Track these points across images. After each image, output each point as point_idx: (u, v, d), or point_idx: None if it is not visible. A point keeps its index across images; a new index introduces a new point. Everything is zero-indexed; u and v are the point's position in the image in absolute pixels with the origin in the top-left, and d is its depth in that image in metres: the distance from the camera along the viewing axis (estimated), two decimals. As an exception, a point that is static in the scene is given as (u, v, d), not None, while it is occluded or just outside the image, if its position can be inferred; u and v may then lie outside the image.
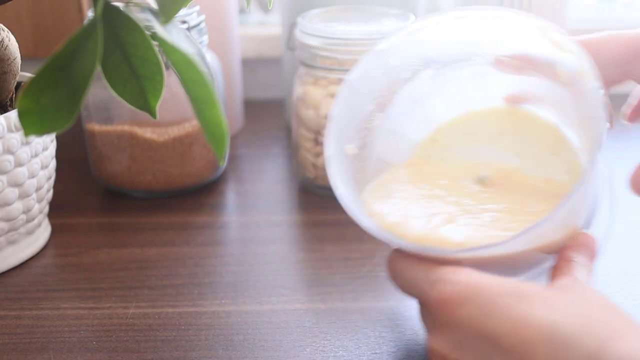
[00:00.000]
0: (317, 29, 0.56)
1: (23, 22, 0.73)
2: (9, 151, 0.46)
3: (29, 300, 0.46)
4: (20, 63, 0.48)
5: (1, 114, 0.47)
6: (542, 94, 0.42)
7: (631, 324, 0.30)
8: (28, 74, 0.52)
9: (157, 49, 0.33)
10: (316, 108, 0.57)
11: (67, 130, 0.31)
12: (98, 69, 0.30)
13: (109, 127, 0.58)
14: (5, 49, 0.46)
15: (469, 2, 0.70)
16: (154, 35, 0.32)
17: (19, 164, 0.47)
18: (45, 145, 0.50)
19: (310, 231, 0.55)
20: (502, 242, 0.33)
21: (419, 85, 0.44)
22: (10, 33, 0.47)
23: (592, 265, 0.35)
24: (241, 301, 0.46)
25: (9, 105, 0.49)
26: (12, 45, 0.47)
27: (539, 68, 0.40)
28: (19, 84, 0.50)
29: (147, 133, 0.57)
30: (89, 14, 0.57)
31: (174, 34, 0.33)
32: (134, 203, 0.59)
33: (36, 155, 0.49)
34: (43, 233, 0.53)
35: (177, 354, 0.41)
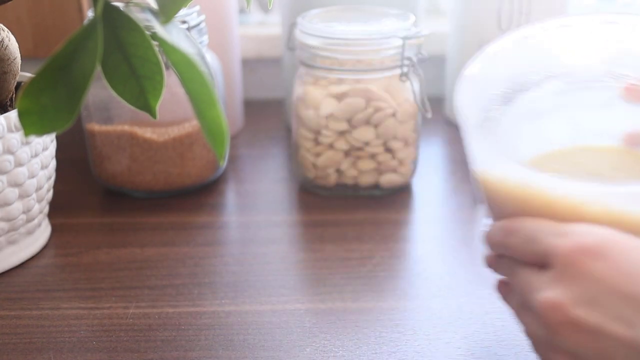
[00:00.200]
0: (317, 29, 0.56)
1: (23, 22, 0.73)
2: (9, 151, 0.46)
3: (29, 300, 0.46)
4: (20, 63, 0.48)
5: (1, 114, 0.47)
6: None
7: None
8: (28, 74, 0.52)
9: (157, 49, 0.33)
10: (316, 108, 0.57)
11: (67, 130, 0.31)
12: (98, 69, 0.30)
13: (109, 127, 0.58)
14: (5, 49, 0.46)
15: (470, 4, 0.70)
16: (154, 35, 0.32)
17: (19, 164, 0.47)
18: (45, 145, 0.50)
19: (310, 231, 0.55)
20: None
21: (542, 96, 0.41)
22: (10, 33, 0.47)
23: None
24: (241, 301, 0.46)
25: (9, 105, 0.49)
26: (12, 45, 0.47)
27: None
28: (19, 84, 0.50)
29: (147, 133, 0.57)
30: (89, 14, 0.57)
31: (174, 34, 0.33)
32: (134, 203, 0.59)
33: (36, 155, 0.49)
34: (43, 233, 0.53)
35: (177, 354, 0.41)
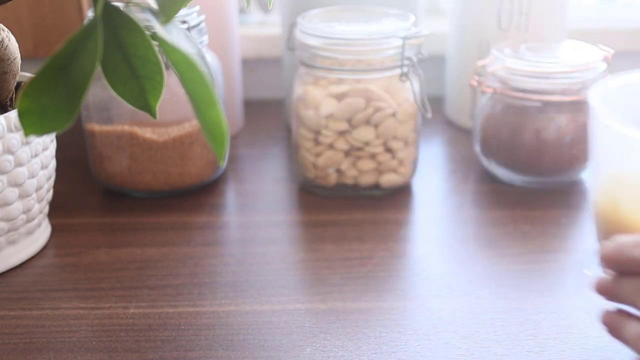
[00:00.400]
0: (317, 29, 0.56)
1: (23, 22, 0.73)
2: (9, 151, 0.46)
3: (29, 300, 0.46)
4: (20, 63, 0.48)
5: (1, 114, 0.47)
6: None
7: None
8: (28, 74, 0.52)
9: (157, 49, 0.33)
10: (316, 108, 0.57)
11: (67, 130, 0.31)
12: (98, 69, 0.30)
13: (109, 127, 0.58)
14: (5, 49, 0.46)
15: (470, 4, 0.69)
16: (154, 35, 0.32)
17: (19, 164, 0.47)
18: (45, 145, 0.50)
19: (310, 231, 0.55)
20: None
21: None
22: (10, 33, 0.47)
23: None
24: (241, 301, 0.46)
25: (9, 105, 0.49)
26: (12, 45, 0.47)
27: None
28: (19, 84, 0.50)
29: (147, 133, 0.57)
30: (89, 14, 0.57)
31: (174, 34, 0.33)
32: (134, 203, 0.59)
33: (36, 155, 0.49)
34: (43, 233, 0.53)
35: (177, 354, 0.41)
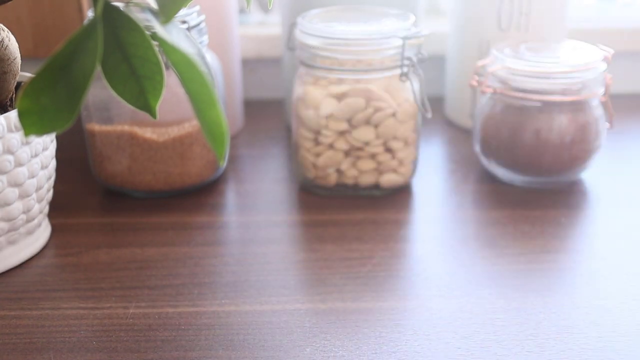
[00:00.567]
0: (317, 29, 0.56)
1: (23, 22, 0.73)
2: (9, 151, 0.46)
3: (29, 300, 0.46)
4: (20, 63, 0.48)
5: (1, 114, 0.47)
6: None
7: None
8: (28, 74, 0.52)
9: (157, 49, 0.33)
10: (316, 108, 0.57)
11: (67, 130, 0.31)
12: (98, 69, 0.30)
13: (109, 127, 0.58)
14: (5, 49, 0.46)
15: (470, 4, 0.69)
16: (154, 35, 0.32)
17: (19, 164, 0.47)
18: (45, 145, 0.50)
19: (310, 231, 0.55)
20: None
21: None
22: (10, 33, 0.47)
23: None
24: (241, 301, 0.46)
25: (9, 105, 0.49)
26: (12, 45, 0.47)
27: None
28: (19, 84, 0.50)
29: (147, 133, 0.57)
30: (89, 14, 0.57)
31: (174, 34, 0.33)
32: (134, 203, 0.59)
33: (36, 155, 0.49)
34: (43, 233, 0.53)
35: (177, 354, 0.41)
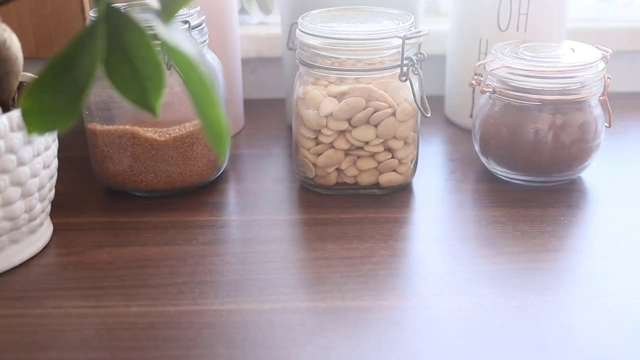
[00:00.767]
0: (317, 29, 0.56)
1: (25, 22, 0.73)
2: (11, 150, 0.46)
3: (32, 299, 0.46)
4: (22, 63, 0.48)
5: (4, 113, 0.47)
6: None
7: None
8: (30, 74, 0.52)
9: (158, 49, 0.33)
10: (316, 108, 0.57)
11: (69, 130, 0.31)
12: (100, 69, 0.30)
13: (111, 127, 0.58)
14: (7, 49, 0.46)
15: (469, 4, 0.70)
16: (156, 36, 0.32)
17: (21, 163, 0.47)
18: (47, 145, 0.50)
19: (310, 230, 0.55)
20: None
21: None
22: (12, 33, 0.47)
23: None
24: (242, 300, 0.46)
25: (12, 105, 0.49)
26: (15, 45, 0.47)
27: None
28: (21, 84, 0.51)
29: (149, 132, 0.57)
30: (91, 14, 0.57)
31: (175, 34, 0.33)
32: (135, 202, 0.59)
33: (38, 154, 0.49)
34: (45, 232, 0.53)
35: (179, 353, 0.41)
